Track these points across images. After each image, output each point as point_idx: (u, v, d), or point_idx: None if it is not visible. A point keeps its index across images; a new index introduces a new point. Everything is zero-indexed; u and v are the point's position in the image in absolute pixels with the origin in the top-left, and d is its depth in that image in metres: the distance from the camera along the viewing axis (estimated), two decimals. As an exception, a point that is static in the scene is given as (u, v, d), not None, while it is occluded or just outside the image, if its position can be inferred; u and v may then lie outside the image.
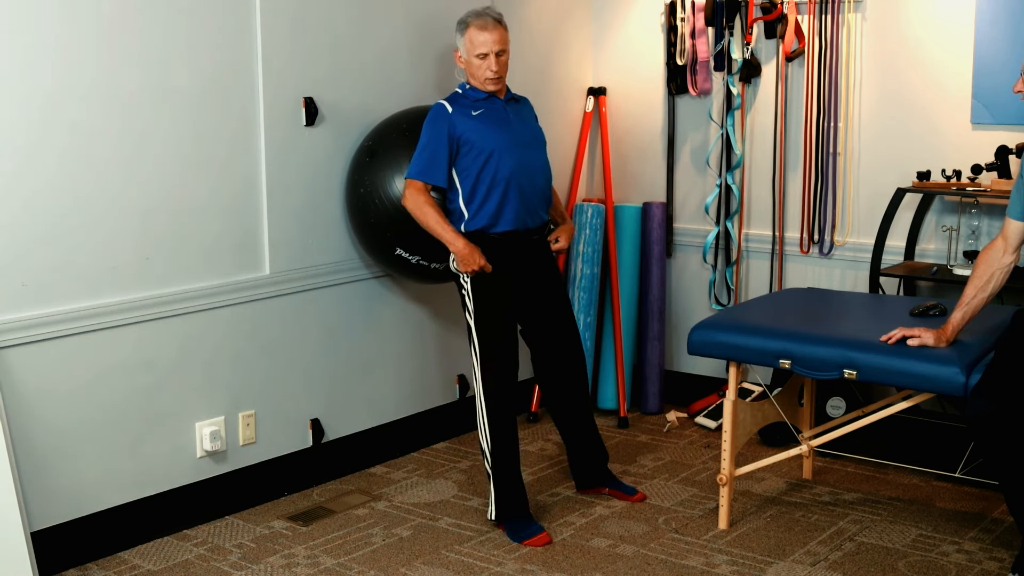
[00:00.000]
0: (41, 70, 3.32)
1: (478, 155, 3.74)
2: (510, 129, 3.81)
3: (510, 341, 3.82)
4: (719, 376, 5.01)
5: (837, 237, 4.72)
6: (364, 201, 4.03)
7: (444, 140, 3.73)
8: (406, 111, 4.22)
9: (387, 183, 3.98)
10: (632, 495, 4.08)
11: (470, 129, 3.75)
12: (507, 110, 3.84)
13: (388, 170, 3.99)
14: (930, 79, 4.42)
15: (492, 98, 3.83)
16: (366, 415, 4.42)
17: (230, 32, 3.79)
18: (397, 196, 3.94)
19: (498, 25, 3.78)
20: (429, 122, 3.78)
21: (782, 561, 3.56)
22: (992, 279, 3.36)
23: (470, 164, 3.75)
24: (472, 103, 3.79)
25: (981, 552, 3.60)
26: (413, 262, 4.07)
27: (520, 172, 3.78)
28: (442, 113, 3.76)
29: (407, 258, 4.06)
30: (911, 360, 3.37)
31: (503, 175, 3.75)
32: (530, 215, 3.84)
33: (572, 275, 4.98)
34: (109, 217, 3.52)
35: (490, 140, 3.75)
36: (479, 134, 3.74)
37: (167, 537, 3.76)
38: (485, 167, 3.74)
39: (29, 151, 3.32)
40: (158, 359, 3.70)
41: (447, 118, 3.75)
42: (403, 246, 4.02)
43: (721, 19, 4.81)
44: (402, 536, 3.78)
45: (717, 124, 4.95)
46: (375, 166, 4.02)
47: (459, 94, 3.83)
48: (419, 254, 4.03)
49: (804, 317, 3.87)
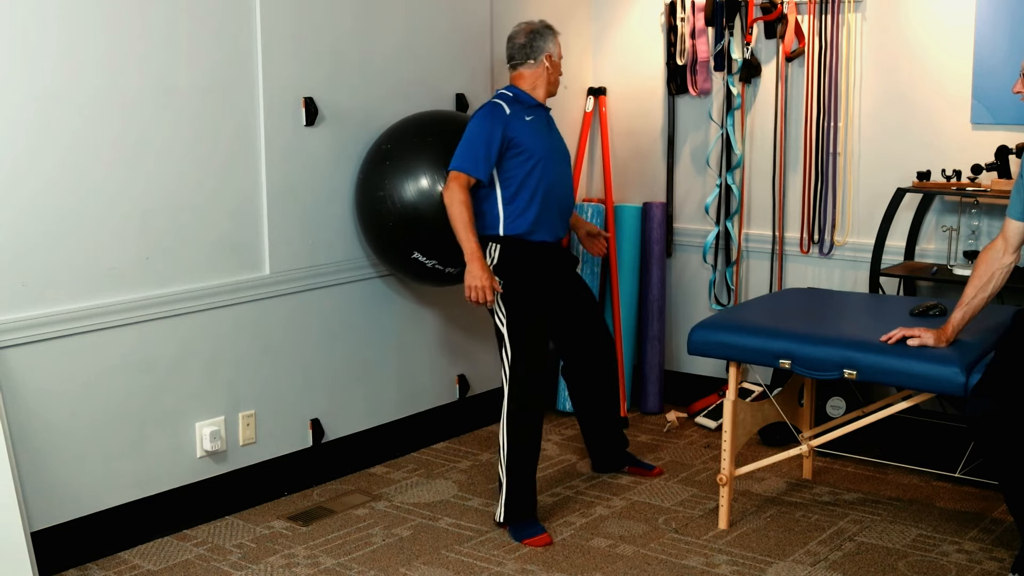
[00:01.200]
0: (42, 71, 3.32)
1: (526, 160, 3.77)
2: (551, 140, 3.87)
3: (541, 348, 3.85)
4: (719, 376, 5.02)
5: (837, 237, 4.72)
6: (382, 204, 4.03)
7: (496, 138, 3.73)
8: (423, 114, 4.24)
9: (405, 187, 3.98)
10: (651, 471, 4.27)
11: (523, 133, 3.77)
12: (550, 122, 3.92)
13: (407, 174, 3.99)
14: (930, 79, 4.43)
15: (540, 107, 3.88)
16: (366, 415, 4.42)
17: (230, 32, 3.79)
18: (416, 199, 3.95)
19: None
20: (483, 117, 3.78)
21: (782, 561, 3.56)
22: (992, 279, 3.36)
23: (516, 168, 3.77)
24: (525, 108, 3.82)
25: (981, 552, 3.60)
26: (429, 266, 4.08)
27: (557, 184, 3.86)
28: (499, 111, 3.78)
29: (423, 262, 4.06)
30: (911, 360, 3.37)
31: (545, 185, 3.81)
32: (562, 227, 3.94)
33: (572, 275, 4.99)
34: (109, 217, 3.52)
35: (539, 148, 3.79)
36: (530, 140, 3.78)
37: (167, 537, 3.76)
38: (531, 174, 3.78)
39: (29, 151, 3.32)
40: (158, 359, 3.70)
41: (503, 117, 3.77)
42: (421, 250, 4.03)
43: (721, 19, 4.82)
44: (402, 536, 3.78)
45: (717, 124, 4.95)
46: (393, 169, 4.02)
47: (511, 97, 3.84)
48: (436, 258, 4.04)
49: (804, 317, 3.87)
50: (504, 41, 4.60)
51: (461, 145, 3.77)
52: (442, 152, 3.96)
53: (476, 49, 4.67)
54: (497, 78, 4.79)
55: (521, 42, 3.90)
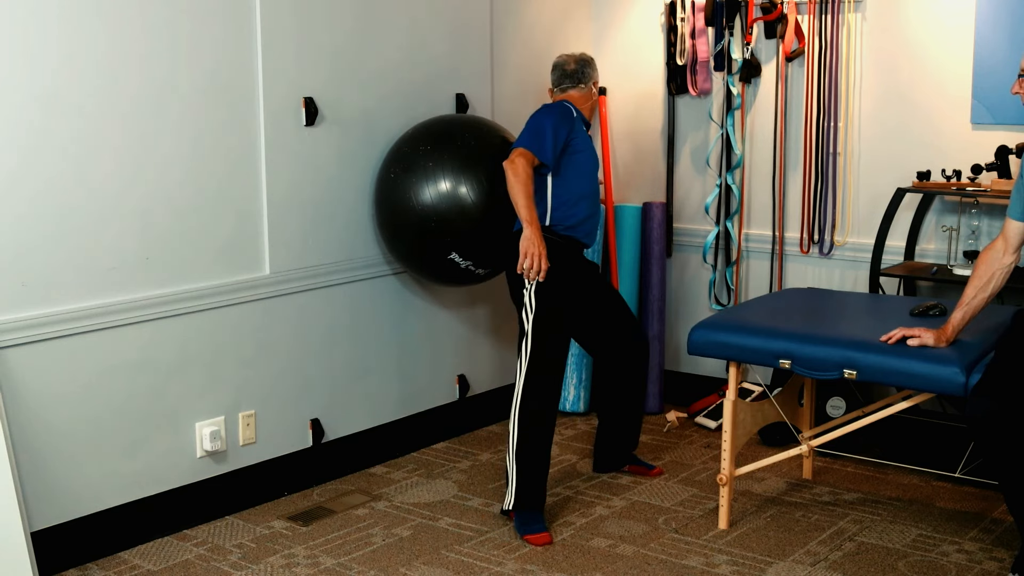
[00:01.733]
0: (42, 71, 3.32)
1: (580, 164, 3.95)
2: (594, 159, 4.06)
3: (564, 346, 3.91)
4: (719, 376, 5.02)
5: (837, 237, 4.72)
6: (419, 206, 4.03)
7: (563, 132, 3.90)
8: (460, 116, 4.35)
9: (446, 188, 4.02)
10: (651, 470, 4.28)
11: (581, 139, 3.98)
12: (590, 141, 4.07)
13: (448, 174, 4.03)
14: (930, 79, 4.43)
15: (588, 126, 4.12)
16: (366, 415, 4.42)
17: (230, 32, 3.79)
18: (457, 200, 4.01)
19: None
20: (553, 113, 3.92)
21: (782, 561, 3.56)
22: (992, 279, 3.36)
23: (571, 168, 3.93)
24: (583, 121, 4.05)
25: (981, 552, 3.60)
26: (463, 267, 4.11)
27: (595, 198, 4.06)
28: (568, 112, 3.99)
29: (459, 262, 4.09)
30: (911, 360, 3.37)
31: (590, 193, 3.99)
32: (591, 236, 4.06)
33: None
34: (110, 217, 3.52)
35: (591, 157, 4.00)
36: (585, 147, 3.98)
37: (167, 537, 3.76)
38: (581, 178, 3.96)
39: (30, 151, 3.32)
40: (158, 359, 3.70)
41: (571, 119, 3.96)
42: (459, 251, 4.07)
43: (721, 19, 4.82)
44: (402, 536, 3.78)
45: (717, 124, 4.95)
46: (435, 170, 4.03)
47: (571, 109, 4.02)
48: (472, 259, 4.08)
49: (804, 317, 3.87)
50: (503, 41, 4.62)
51: (527, 131, 3.89)
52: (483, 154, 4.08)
53: (476, 49, 4.67)
54: (497, 78, 4.79)
55: (572, 68, 4.12)
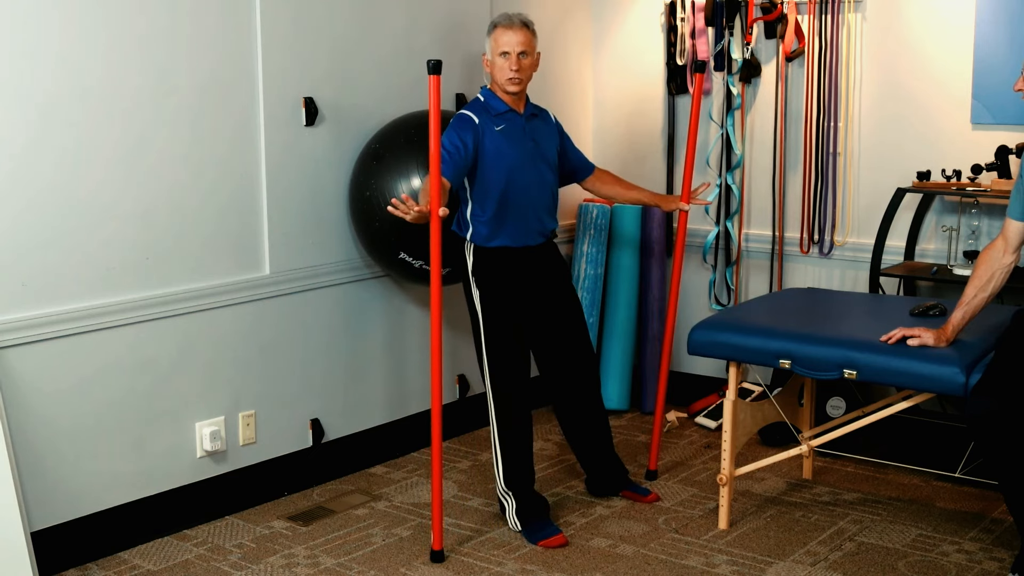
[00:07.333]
0: (41, 71, 3.32)
1: (491, 170, 3.70)
2: (524, 148, 3.77)
3: (518, 349, 3.80)
4: (719, 376, 5.01)
5: (837, 237, 4.72)
6: (369, 204, 4.03)
7: (467, 146, 3.65)
8: (412, 115, 4.22)
9: (393, 187, 3.97)
10: (645, 496, 4.07)
11: (491, 143, 3.70)
12: (526, 128, 3.79)
13: (394, 174, 3.99)
14: (930, 79, 4.42)
15: (512, 113, 3.77)
16: (366, 415, 4.42)
17: (230, 32, 3.79)
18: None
19: (524, 27, 3.73)
20: (453, 127, 3.68)
21: (782, 561, 3.56)
22: (992, 279, 3.36)
23: (483, 176, 3.70)
24: (494, 117, 3.74)
25: (981, 552, 3.60)
26: (416, 266, 4.08)
27: (525, 191, 3.76)
28: (468, 122, 3.69)
29: (410, 262, 4.06)
30: (911, 360, 3.37)
31: (510, 193, 3.73)
32: (530, 235, 3.82)
33: (577, 276, 4.98)
34: (109, 217, 3.52)
35: (507, 157, 3.71)
36: (497, 150, 3.70)
37: (167, 537, 3.76)
38: (495, 183, 3.71)
39: (29, 151, 3.32)
40: (158, 359, 3.70)
41: (472, 127, 3.68)
42: (407, 251, 4.02)
43: (721, 19, 4.82)
44: (402, 536, 3.78)
45: (717, 124, 4.95)
46: (381, 170, 4.02)
47: (481, 103, 3.76)
48: (423, 259, 4.03)
49: (804, 317, 3.87)
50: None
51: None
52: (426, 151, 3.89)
53: (476, 49, 4.66)
54: (497, 78, 4.79)
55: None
